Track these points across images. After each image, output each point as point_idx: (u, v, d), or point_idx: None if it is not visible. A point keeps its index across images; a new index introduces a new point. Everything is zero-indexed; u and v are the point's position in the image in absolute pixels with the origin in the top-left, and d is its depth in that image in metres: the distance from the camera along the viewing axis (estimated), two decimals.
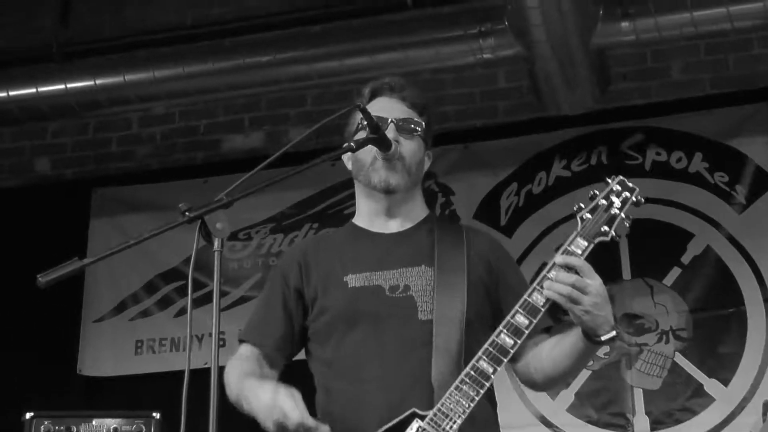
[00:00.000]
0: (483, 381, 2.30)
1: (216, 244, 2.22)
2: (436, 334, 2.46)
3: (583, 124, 5.37)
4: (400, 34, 4.96)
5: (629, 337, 5.11)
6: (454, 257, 2.59)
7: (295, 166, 2.44)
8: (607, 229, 2.41)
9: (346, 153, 2.66)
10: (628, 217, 2.44)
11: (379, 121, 2.58)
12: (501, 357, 2.32)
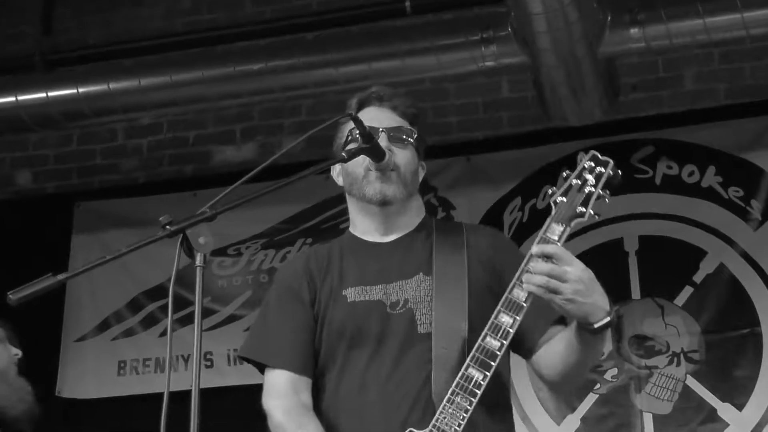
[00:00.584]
0: (475, 390, 2.28)
1: (198, 259, 2.20)
2: (435, 347, 2.45)
3: (591, 136, 5.33)
4: (399, 41, 4.94)
5: (638, 360, 5.10)
6: (454, 262, 2.57)
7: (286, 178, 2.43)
8: (583, 210, 2.35)
9: (337, 164, 2.66)
10: (606, 194, 2.38)
11: (371, 131, 2.56)
12: (489, 362, 2.30)
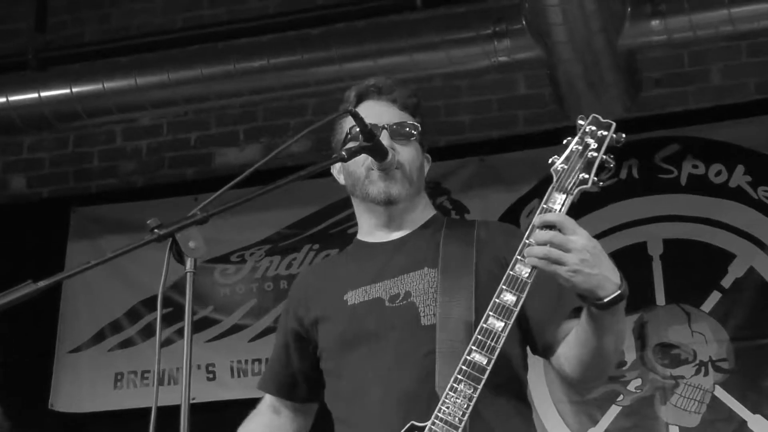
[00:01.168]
0: (479, 375, 2.25)
1: (188, 264, 2.20)
2: (439, 339, 2.44)
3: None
4: (406, 36, 4.93)
5: (664, 369, 5.08)
6: (461, 255, 2.55)
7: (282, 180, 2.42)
8: (586, 176, 2.30)
9: (336, 164, 2.65)
10: (610, 158, 2.33)
11: (371, 128, 2.54)
12: (493, 344, 2.26)
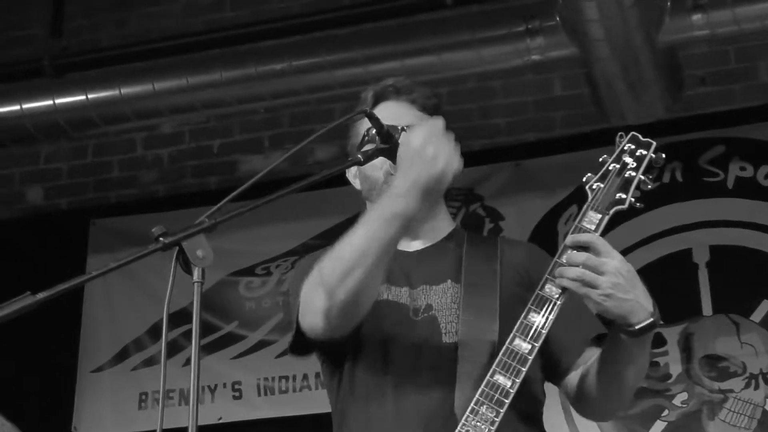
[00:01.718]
0: (502, 398, 2.24)
1: (196, 274, 2.22)
2: (461, 358, 2.43)
3: (653, 135, 5.24)
4: (434, 35, 4.94)
5: (711, 383, 5.04)
6: (485, 272, 2.55)
7: (315, 188, 2.42)
8: (623, 196, 2.34)
9: (352, 168, 2.65)
10: (648, 179, 2.36)
11: (389, 129, 2.53)
12: (519, 367, 2.25)
